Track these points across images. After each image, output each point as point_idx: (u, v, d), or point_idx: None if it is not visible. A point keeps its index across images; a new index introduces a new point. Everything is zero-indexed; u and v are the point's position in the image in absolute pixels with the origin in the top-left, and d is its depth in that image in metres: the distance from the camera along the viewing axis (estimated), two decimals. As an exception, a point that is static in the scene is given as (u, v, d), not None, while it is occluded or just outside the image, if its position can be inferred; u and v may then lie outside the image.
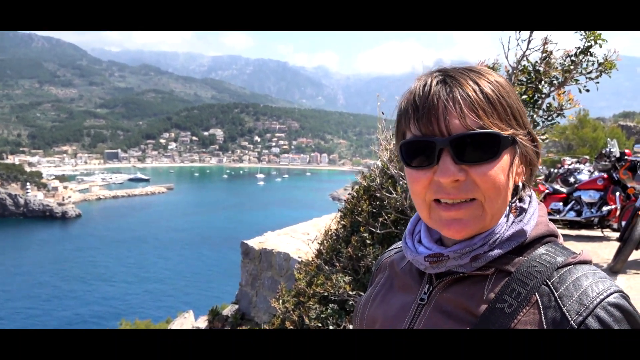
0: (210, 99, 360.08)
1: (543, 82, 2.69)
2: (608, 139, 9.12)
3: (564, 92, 2.66)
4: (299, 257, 5.95)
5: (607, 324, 0.76)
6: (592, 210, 8.08)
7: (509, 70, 2.76)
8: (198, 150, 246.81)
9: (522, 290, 0.83)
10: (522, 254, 0.88)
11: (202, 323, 8.27)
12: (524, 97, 2.62)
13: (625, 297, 0.80)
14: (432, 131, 0.85)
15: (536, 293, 0.82)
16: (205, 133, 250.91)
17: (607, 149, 8.13)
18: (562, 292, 0.81)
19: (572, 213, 8.20)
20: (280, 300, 3.63)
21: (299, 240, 6.50)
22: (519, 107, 0.89)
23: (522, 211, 0.92)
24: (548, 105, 2.74)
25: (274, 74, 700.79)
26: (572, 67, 2.62)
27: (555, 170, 10.67)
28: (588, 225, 8.12)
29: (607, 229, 8.08)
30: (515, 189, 0.91)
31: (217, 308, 8.11)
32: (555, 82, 2.68)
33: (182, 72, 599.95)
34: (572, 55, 2.64)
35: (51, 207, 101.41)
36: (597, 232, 8.09)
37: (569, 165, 10.38)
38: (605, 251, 6.68)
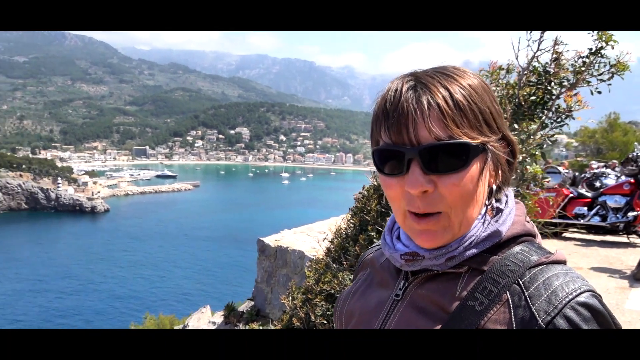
0: (237, 97, 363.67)
1: (553, 84, 2.65)
2: (636, 143, 8.87)
3: (574, 93, 2.62)
4: (312, 255, 5.99)
5: (575, 324, 0.75)
6: (617, 215, 7.87)
7: (520, 71, 2.74)
8: (224, 149, 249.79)
9: (493, 288, 0.83)
10: (496, 253, 0.88)
11: (218, 318, 8.37)
12: (533, 97, 2.59)
13: (597, 296, 0.79)
14: (402, 140, 0.83)
15: (507, 292, 0.82)
16: (232, 131, 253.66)
17: (634, 154, 7.93)
18: (532, 291, 0.80)
19: (597, 218, 8.00)
20: (290, 297, 3.67)
21: (315, 238, 6.51)
22: (492, 111, 0.87)
23: (498, 212, 0.92)
24: (557, 106, 2.70)
25: (301, 73, 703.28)
26: (583, 68, 2.58)
27: (582, 175, 10.43)
28: (613, 230, 7.91)
29: (633, 235, 7.87)
30: (491, 191, 0.91)
31: (233, 304, 8.19)
32: (565, 83, 2.64)
33: (210, 70, 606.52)
34: (583, 57, 2.60)
35: (81, 201, 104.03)
36: (622, 238, 7.89)
37: (596, 169, 10.14)
38: (629, 258, 6.52)
